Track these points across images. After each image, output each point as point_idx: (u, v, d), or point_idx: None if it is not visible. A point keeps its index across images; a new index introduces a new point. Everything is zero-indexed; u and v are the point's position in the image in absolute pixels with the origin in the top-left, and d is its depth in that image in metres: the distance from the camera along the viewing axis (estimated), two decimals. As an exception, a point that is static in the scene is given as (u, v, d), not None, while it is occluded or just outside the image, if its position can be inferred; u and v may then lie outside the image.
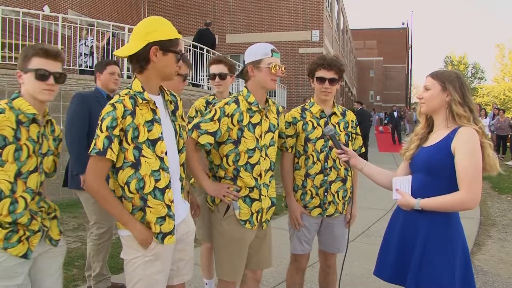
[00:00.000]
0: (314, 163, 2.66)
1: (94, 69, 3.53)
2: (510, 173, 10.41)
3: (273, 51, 2.35)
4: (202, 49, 11.03)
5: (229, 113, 2.29)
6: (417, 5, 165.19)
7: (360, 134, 2.89)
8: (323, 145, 2.66)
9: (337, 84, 2.68)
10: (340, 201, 2.71)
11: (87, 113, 3.16)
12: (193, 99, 9.79)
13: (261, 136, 2.36)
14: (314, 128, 2.68)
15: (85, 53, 8.73)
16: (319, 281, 3.00)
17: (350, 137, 2.79)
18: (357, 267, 3.90)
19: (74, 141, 3.14)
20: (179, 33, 1.99)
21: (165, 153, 1.93)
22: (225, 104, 2.32)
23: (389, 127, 21.01)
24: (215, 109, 2.30)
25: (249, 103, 2.35)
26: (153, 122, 1.91)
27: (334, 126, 2.71)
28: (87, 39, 8.82)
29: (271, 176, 2.46)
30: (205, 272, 3.33)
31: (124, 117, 1.83)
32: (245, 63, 2.38)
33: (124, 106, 1.84)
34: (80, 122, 3.15)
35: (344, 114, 2.81)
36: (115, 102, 1.85)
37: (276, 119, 2.51)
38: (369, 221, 5.81)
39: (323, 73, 2.63)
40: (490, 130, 14.49)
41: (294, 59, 17.71)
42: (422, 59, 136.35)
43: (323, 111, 2.72)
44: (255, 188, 2.34)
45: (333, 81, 2.64)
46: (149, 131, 1.89)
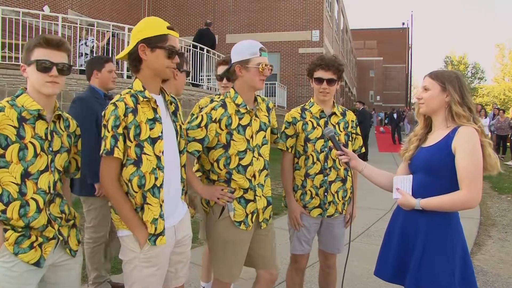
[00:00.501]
0: (314, 163, 2.65)
1: (89, 68, 3.26)
2: (510, 173, 10.40)
3: (261, 50, 2.29)
4: (202, 49, 11.02)
5: (216, 118, 2.25)
6: (417, 5, 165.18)
7: (360, 134, 2.89)
8: (323, 145, 2.66)
9: (336, 84, 2.66)
10: (340, 201, 2.71)
11: (94, 119, 3.00)
12: (193, 99, 9.79)
13: (252, 137, 2.33)
14: (314, 128, 2.68)
15: (86, 53, 8.70)
16: (319, 281, 3.00)
17: (350, 137, 2.78)
18: (357, 267, 3.90)
19: (83, 148, 2.97)
20: (172, 29, 1.97)
21: (162, 152, 1.94)
22: (212, 109, 2.27)
23: (389, 127, 21.01)
24: (202, 115, 2.27)
25: (237, 105, 2.30)
26: (154, 120, 1.93)
27: (334, 126, 2.71)
28: (87, 39, 8.79)
29: (266, 176, 2.43)
30: (204, 274, 3.32)
31: (125, 115, 1.86)
32: (232, 62, 2.31)
33: (126, 104, 1.87)
34: (87, 128, 2.96)
35: (344, 114, 2.80)
36: (116, 101, 1.88)
37: (267, 116, 2.46)
38: (369, 221, 5.81)
39: (321, 74, 2.62)
40: (490, 130, 14.48)
41: (294, 59, 17.71)
42: (422, 59, 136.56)
43: (322, 111, 2.72)
44: (249, 189, 2.32)
45: (331, 82, 2.62)
46: (151, 129, 1.91)
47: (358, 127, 2.89)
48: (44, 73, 1.77)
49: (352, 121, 2.82)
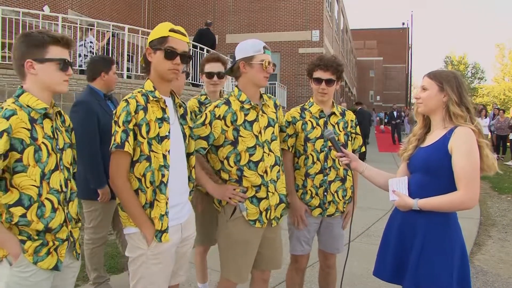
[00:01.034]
0: (313, 162, 2.66)
1: (94, 69, 3.21)
2: (510, 173, 10.40)
3: (265, 48, 2.34)
4: (202, 49, 11.02)
5: (220, 115, 2.28)
6: (417, 5, 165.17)
7: (360, 134, 2.89)
8: (323, 145, 2.66)
9: (334, 84, 2.66)
10: (340, 200, 2.71)
11: (96, 122, 2.98)
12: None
13: (260, 132, 2.34)
14: (313, 128, 2.68)
15: (84, 54, 8.68)
16: (319, 281, 3.00)
17: (350, 136, 2.78)
18: (357, 267, 3.90)
19: (86, 153, 2.93)
20: (175, 31, 2.01)
21: (168, 151, 1.99)
22: (215, 107, 2.32)
23: (389, 127, 21.01)
24: (206, 113, 2.32)
25: (241, 102, 2.33)
26: (162, 120, 2.00)
27: (334, 126, 2.71)
28: (85, 40, 8.75)
29: (279, 172, 2.43)
30: (199, 276, 3.30)
31: (137, 111, 1.93)
32: (236, 59, 2.35)
33: (137, 102, 1.94)
34: (91, 133, 2.97)
35: (343, 114, 2.80)
36: (128, 98, 1.95)
37: (275, 113, 2.49)
38: (369, 221, 5.81)
39: (319, 74, 2.62)
40: (490, 130, 14.48)
41: (294, 59, 17.70)
42: (422, 59, 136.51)
43: (322, 111, 2.72)
44: (262, 186, 2.32)
45: (329, 82, 2.62)
46: (159, 127, 1.97)
47: (358, 126, 2.89)
48: (63, 72, 1.80)
49: (352, 120, 2.82)
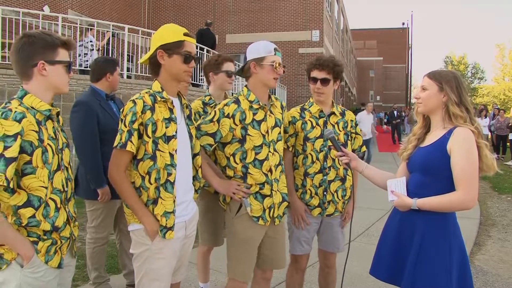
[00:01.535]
0: (313, 162, 2.66)
1: (99, 69, 3.21)
2: (510, 173, 10.40)
3: (275, 49, 2.39)
4: (202, 49, 11.02)
5: (229, 113, 2.32)
6: (417, 5, 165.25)
7: (360, 134, 2.89)
8: (322, 144, 2.66)
9: (331, 84, 2.65)
10: (339, 200, 2.71)
11: (96, 124, 2.99)
12: (193, 99, 9.72)
13: (267, 132, 2.38)
14: (313, 127, 2.68)
15: (85, 53, 8.67)
16: (319, 281, 3.00)
17: (350, 136, 2.79)
18: (356, 267, 3.90)
19: (86, 154, 2.98)
20: (188, 35, 2.06)
21: (175, 151, 2.03)
22: (224, 105, 2.36)
23: (389, 127, 21.00)
24: (215, 111, 2.36)
25: (250, 101, 2.37)
26: (170, 120, 2.04)
27: (333, 126, 2.71)
28: (84, 40, 8.73)
29: (281, 171, 2.47)
30: (201, 276, 3.31)
31: (143, 112, 1.97)
32: (247, 60, 2.39)
33: (144, 102, 1.99)
34: (91, 134, 2.98)
35: (343, 114, 2.81)
36: (136, 99, 2.00)
37: (281, 114, 2.54)
38: (369, 221, 5.81)
39: (315, 74, 2.64)
40: (490, 130, 14.48)
41: (294, 59, 17.69)
42: (422, 59, 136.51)
43: (322, 111, 2.72)
44: (266, 184, 2.36)
45: (325, 81, 2.62)
46: (166, 127, 2.01)
47: (358, 126, 2.89)
48: (68, 73, 1.85)
49: (352, 120, 2.82)
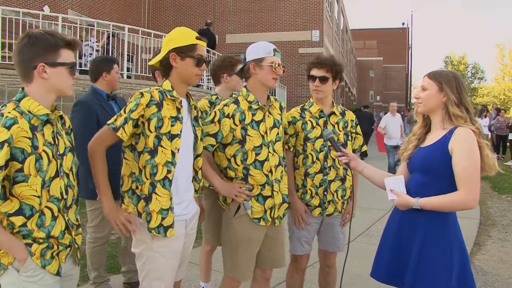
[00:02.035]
0: (313, 162, 2.66)
1: (96, 69, 3.21)
2: (510, 173, 10.40)
3: (275, 50, 2.40)
4: (202, 49, 11.00)
5: (229, 113, 2.33)
6: (417, 5, 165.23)
7: (360, 134, 2.89)
8: (322, 144, 2.66)
9: (329, 82, 2.65)
10: (339, 200, 2.71)
11: (96, 123, 2.96)
12: (193, 99, 9.77)
13: (266, 133, 2.39)
14: (313, 127, 2.68)
15: (90, 53, 8.61)
16: (319, 281, 3.00)
17: (350, 136, 2.78)
18: (357, 267, 3.90)
19: (85, 154, 2.92)
20: (200, 39, 2.08)
21: (177, 149, 2.04)
22: (224, 105, 2.37)
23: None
24: (215, 111, 2.37)
25: (249, 102, 2.38)
26: (176, 119, 2.05)
27: (333, 126, 2.71)
28: (90, 40, 8.70)
29: (282, 172, 2.47)
30: (203, 275, 3.31)
31: (148, 105, 1.98)
32: (247, 60, 2.40)
33: (151, 96, 2.00)
34: (91, 134, 2.97)
35: (343, 114, 2.81)
36: (144, 91, 2.02)
37: (280, 114, 2.54)
38: (369, 221, 5.81)
39: (314, 72, 2.65)
40: (490, 130, 14.47)
41: (294, 59, 17.69)
42: (422, 59, 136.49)
43: (322, 111, 2.72)
44: (267, 185, 2.36)
45: (323, 79, 2.63)
46: (172, 125, 2.03)
47: (358, 126, 2.88)
48: (72, 75, 1.76)
49: (352, 120, 2.82)
